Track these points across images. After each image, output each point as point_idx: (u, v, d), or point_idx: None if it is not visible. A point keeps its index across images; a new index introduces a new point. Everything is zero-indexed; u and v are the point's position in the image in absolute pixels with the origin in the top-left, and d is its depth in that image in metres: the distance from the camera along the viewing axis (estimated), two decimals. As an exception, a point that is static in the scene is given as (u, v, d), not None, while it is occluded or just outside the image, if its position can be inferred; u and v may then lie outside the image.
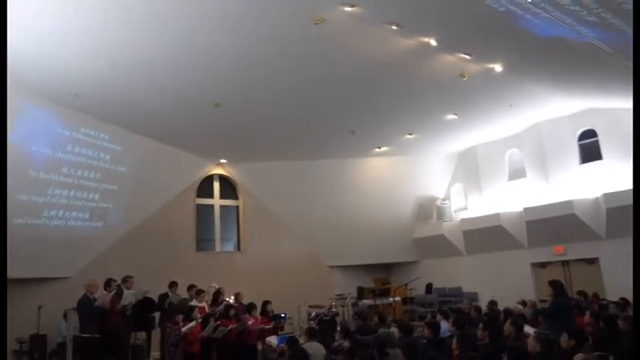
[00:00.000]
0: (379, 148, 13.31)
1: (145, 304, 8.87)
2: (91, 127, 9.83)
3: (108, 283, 8.10)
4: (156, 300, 9.33)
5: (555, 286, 6.85)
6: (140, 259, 11.09)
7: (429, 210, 14.86)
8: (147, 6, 6.30)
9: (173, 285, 9.45)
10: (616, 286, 10.45)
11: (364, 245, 14.17)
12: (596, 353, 3.71)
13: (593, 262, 11.45)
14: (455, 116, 11.20)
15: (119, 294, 7.97)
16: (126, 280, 8.46)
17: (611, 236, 10.89)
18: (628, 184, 10.44)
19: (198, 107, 9.59)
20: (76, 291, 8.06)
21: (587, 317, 6.78)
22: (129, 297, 8.07)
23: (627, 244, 10.56)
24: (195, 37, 7.20)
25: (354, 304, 13.79)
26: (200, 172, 13.50)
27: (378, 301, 13.18)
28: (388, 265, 15.71)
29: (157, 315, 9.30)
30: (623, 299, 8.45)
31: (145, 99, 9.08)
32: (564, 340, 4.79)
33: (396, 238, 14.57)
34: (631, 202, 10.17)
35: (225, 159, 13.62)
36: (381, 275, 15.69)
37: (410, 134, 12.31)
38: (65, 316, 8.75)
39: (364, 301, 13.70)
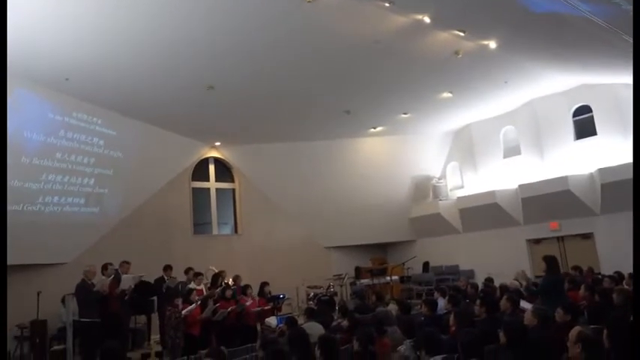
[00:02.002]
0: (374, 128, 13.27)
1: (144, 288, 8.94)
2: (83, 111, 9.72)
3: (104, 267, 8.11)
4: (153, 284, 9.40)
5: (548, 261, 6.89)
6: (137, 244, 11.09)
7: (425, 189, 14.89)
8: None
9: (167, 269, 9.48)
10: (611, 260, 10.58)
11: (361, 225, 14.22)
12: (591, 326, 3.76)
13: (588, 237, 11.55)
14: (450, 94, 11.14)
15: (118, 279, 7.99)
16: (122, 265, 8.47)
17: (606, 211, 10.97)
18: (622, 159, 10.50)
19: (192, 90, 9.50)
20: (74, 276, 8.06)
21: (582, 291, 6.85)
22: (128, 281, 8.10)
23: (621, 219, 10.74)
24: (188, 19, 7.09)
25: (352, 284, 13.91)
26: (195, 155, 13.44)
27: (376, 281, 13.28)
28: (385, 244, 15.80)
29: (155, 299, 9.38)
30: (618, 273, 8.54)
31: (137, 82, 8.98)
32: (559, 314, 4.85)
33: (393, 217, 14.63)
34: (625, 177, 10.27)
35: (219, 142, 13.55)
36: (378, 255, 15.79)
37: (405, 113, 12.25)
38: (63, 301, 8.78)
39: (362, 281, 13.81)
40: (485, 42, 8.54)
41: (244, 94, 10.01)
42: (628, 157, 10.40)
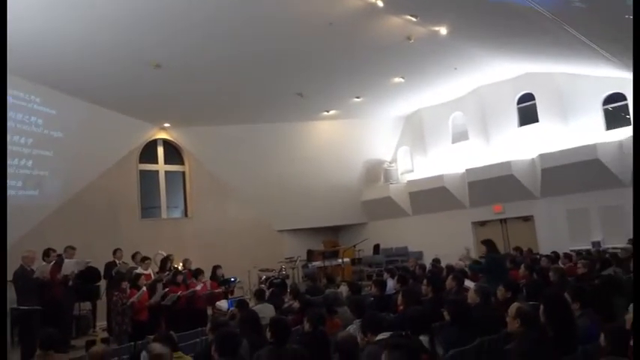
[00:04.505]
0: (327, 111, 13.28)
1: (89, 274, 8.62)
2: (19, 89, 9.12)
3: (46, 253, 7.74)
4: (102, 269, 9.09)
5: (487, 244, 7.23)
6: (81, 229, 10.63)
7: (376, 173, 15.14)
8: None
9: (118, 252, 9.20)
10: (548, 241, 11.21)
11: (313, 208, 14.29)
12: (530, 302, 3.96)
13: (528, 219, 12.15)
14: (402, 79, 11.30)
15: (59, 264, 7.66)
16: (66, 250, 8.12)
17: (545, 195, 11.56)
18: (562, 145, 11.06)
19: (138, 68, 9.11)
20: (11, 263, 7.61)
21: (521, 270, 7.21)
22: (70, 266, 7.77)
23: (559, 202, 11.39)
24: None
25: (304, 267, 14.00)
26: (142, 136, 12.98)
27: (328, 263, 13.43)
28: (337, 227, 15.98)
29: (102, 284, 9.07)
30: (554, 253, 9.05)
31: (79, 59, 8.50)
32: (501, 292, 5.08)
33: (345, 201, 14.79)
34: (563, 162, 10.85)
35: (168, 123, 13.13)
36: (330, 238, 15.94)
37: (358, 97, 12.33)
38: (-1, 289, 8.32)
39: (314, 263, 13.92)
40: (437, 28, 8.68)
41: (194, 75, 9.73)
42: (567, 144, 10.97)
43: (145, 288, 7.61)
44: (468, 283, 6.16)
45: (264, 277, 11.92)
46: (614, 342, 2.71)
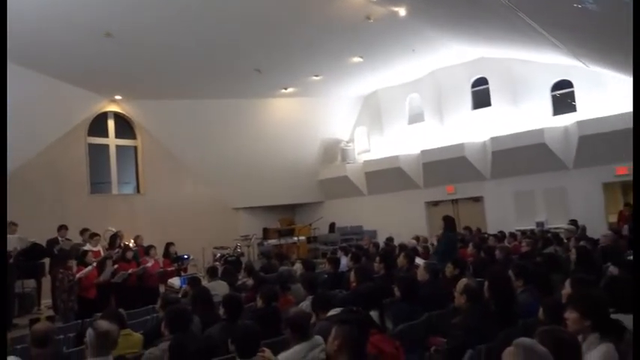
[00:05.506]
0: (285, 89, 13.13)
1: (33, 251, 8.28)
2: (-47, 52, 8.49)
3: (-14, 229, 7.34)
4: (44, 246, 8.74)
5: (447, 220, 7.43)
6: (23, 204, 10.07)
7: (333, 152, 15.21)
8: None
9: (62, 228, 8.84)
10: (496, 220, 11.67)
11: (269, 187, 14.23)
12: (477, 279, 4.12)
13: (478, 200, 12.59)
14: (360, 59, 11.28)
15: (0, 240, 7.29)
16: (8, 225, 7.73)
17: (495, 176, 11.98)
18: (512, 129, 11.44)
19: (87, 36, 8.63)
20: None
21: (470, 249, 7.49)
22: (12, 242, 7.43)
23: (507, 184, 11.84)
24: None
25: (260, 244, 13.99)
26: (92, 108, 12.40)
27: (283, 241, 13.47)
28: (293, 205, 16.02)
29: (46, 262, 8.73)
30: (501, 232, 9.44)
31: (23, 24, 7.92)
32: (449, 269, 5.26)
33: (302, 179, 14.80)
34: (512, 145, 11.23)
35: (120, 95, 12.60)
36: (286, 216, 15.98)
37: (316, 76, 12.24)
38: None
39: (269, 241, 13.93)
40: (396, 9, 8.69)
41: (147, 45, 9.33)
42: (517, 127, 11.36)
43: (91, 267, 7.40)
44: (419, 261, 6.34)
45: (219, 254, 11.84)
46: (550, 315, 2.87)
